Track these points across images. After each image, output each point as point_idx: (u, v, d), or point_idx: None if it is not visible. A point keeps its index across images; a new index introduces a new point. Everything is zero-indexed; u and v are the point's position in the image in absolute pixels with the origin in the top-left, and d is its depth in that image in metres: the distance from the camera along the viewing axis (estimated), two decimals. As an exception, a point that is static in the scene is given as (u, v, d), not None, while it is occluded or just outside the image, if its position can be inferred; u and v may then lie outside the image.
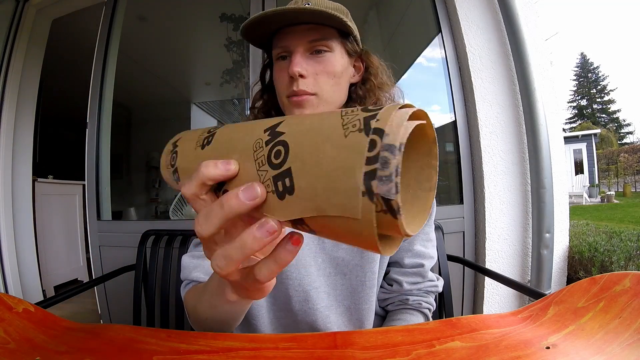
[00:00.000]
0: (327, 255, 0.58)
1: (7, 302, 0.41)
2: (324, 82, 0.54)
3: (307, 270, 0.57)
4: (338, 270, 0.58)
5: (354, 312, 0.59)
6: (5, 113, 1.68)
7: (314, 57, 0.54)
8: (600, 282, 0.39)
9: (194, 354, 0.37)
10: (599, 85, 31.80)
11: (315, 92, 0.53)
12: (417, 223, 0.19)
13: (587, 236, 1.54)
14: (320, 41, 0.53)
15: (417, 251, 0.62)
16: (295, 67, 0.51)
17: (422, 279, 0.62)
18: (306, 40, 0.53)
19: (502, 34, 1.36)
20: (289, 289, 0.56)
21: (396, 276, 0.63)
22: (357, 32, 0.57)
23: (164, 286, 0.98)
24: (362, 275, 0.58)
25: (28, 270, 1.78)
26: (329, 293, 0.58)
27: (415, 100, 1.70)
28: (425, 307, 0.62)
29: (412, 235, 0.16)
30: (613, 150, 16.68)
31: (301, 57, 0.53)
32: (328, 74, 0.54)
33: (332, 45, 0.54)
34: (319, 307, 0.56)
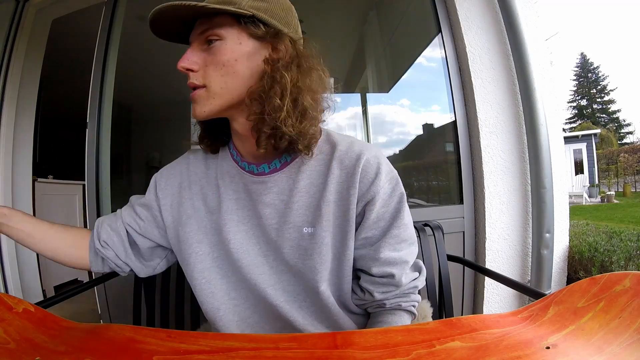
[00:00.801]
0: (277, 255, 0.57)
1: (7, 302, 0.41)
2: (212, 73, 0.51)
3: (260, 269, 0.57)
4: (288, 269, 0.57)
5: (310, 306, 0.58)
6: (5, 113, 1.68)
7: (207, 48, 0.52)
8: (600, 282, 0.39)
9: (194, 354, 0.37)
10: (599, 85, 31.79)
11: (204, 84, 0.51)
12: None
13: (587, 236, 1.54)
14: (208, 31, 0.51)
15: (386, 259, 0.55)
16: (180, 62, 0.51)
17: (395, 288, 0.57)
18: (197, 33, 0.52)
19: (502, 34, 1.36)
20: (249, 288, 0.58)
21: (366, 285, 0.58)
22: (257, 11, 0.50)
23: (164, 286, 0.98)
24: (306, 281, 0.56)
25: (28, 270, 1.78)
26: (284, 289, 0.58)
27: (415, 100, 1.70)
28: (406, 307, 0.59)
29: None
30: (613, 150, 16.68)
31: (192, 51, 0.52)
32: (216, 64, 0.51)
33: (222, 33, 0.50)
34: (278, 302, 0.56)
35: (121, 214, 0.66)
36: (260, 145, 0.51)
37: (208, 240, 0.60)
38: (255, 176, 0.58)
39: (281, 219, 0.56)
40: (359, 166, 0.54)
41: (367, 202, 0.55)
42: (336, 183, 0.55)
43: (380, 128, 1.71)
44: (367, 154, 0.55)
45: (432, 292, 0.94)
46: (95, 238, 0.63)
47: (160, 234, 0.65)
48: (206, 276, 0.59)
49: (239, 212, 0.59)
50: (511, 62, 1.34)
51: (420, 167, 1.72)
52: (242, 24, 0.51)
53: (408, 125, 1.70)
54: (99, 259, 0.63)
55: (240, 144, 0.59)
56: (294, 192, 0.56)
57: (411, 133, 1.69)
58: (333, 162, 0.56)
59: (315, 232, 0.55)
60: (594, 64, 32.44)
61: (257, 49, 0.52)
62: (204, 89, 0.51)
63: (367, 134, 1.70)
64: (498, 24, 1.37)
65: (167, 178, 0.65)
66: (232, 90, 0.52)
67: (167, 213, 0.63)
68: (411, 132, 1.69)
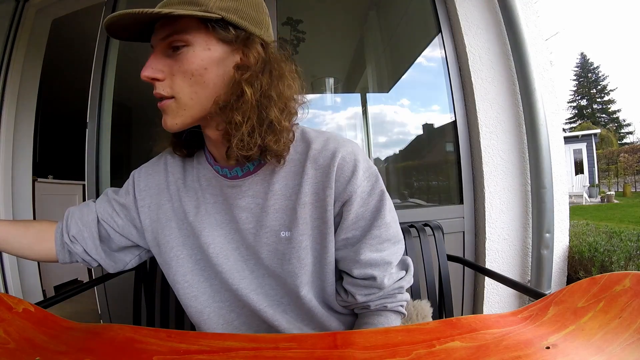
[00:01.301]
0: (256, 260, 0.56)
1: (7, 302, 0.41)
2: (180, 83, 0.47)
3: (241, 274, 0.56)
4: (269, 273, 0.56)
5: (294, 310, 0.57)
6: (5, 113, 1.68)
7: (173, 55, 0.47)
8: (600, 282, 0.39)
9: (194, 354, 0.37)
10: (599, 85, 31.79)
11: (172, 95, 0.48)
12: None
13: (587, 236, 1.54)
14: (171, 36, 0.46)
15: (366, 261, 0.53)
16: (144, 71, 0.47)
17: (378, 290, 0.55)
18: (160, 38, 0.47)
19: (502, 34, 1.36)
20: (232, 292, 0.56)
21: (349, 287, 0.57)
22: (226, 13, 0.46)
23: (164, 286, 0.98)
24: (287, 285, 0.55)
25: (28, 270, 1.78)
26: (267, 293, 0.57)
27: (415, 100, 1.70)
28: (393, 307, 0.57)
29: None
30: (613, 150, 16.68)
31: (156, 58, 0.48)
32: (184, 73, 0.47)
33: (188, 38, 0.46)
34: (261, 307, 0.55)
35: (95, 208, 0.63)
36: (230, 157, 0.49)
37: (189, 243, 0.58)
38: (229, 180, 0.56)
39: (258, 223, 0.54)
40: (334, 165, 0.51)
41: (344, 202, 0.52)
42: (312, 184, 0.52)
43: (380, 128, 1.71)
44: (342, 151, 0.52)
45: (432, 292, 0.94)
46: (64, 232, 0.61)
47: (139, 235, 0.63)
48: (188, 280, 0.58)
49: (217, 216, 0.57)
50: (511, 62, 1.34)
51: (420, 167, 1.72)
52: (210, 27, 0.46)
53: (408, 125, 1.70)
54: (65, 252, 0.61)
55: (213, 149, 0.57)
56: (269, 195, 0.54)
57: (411, 133, 1.69)
58: (307, 162, 0.52)
59: (292, 236, 0.53)
60: (594, 64, 32.47)
61: (227, 54, 0.48)
62: (173, 100, 0.48)
63: (367, 134, 1.70)
64: (498, 24, 1.37)
65: (146, 178, 0.63)
66: (202, 101, 0.48)
67: (145, 215, 0.61)
68: (411, 132, 1.69)
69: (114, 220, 0.62)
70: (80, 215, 0.62)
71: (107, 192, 0.66)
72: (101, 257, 0.62)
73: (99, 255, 0.62)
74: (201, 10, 0.45)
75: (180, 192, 0.60)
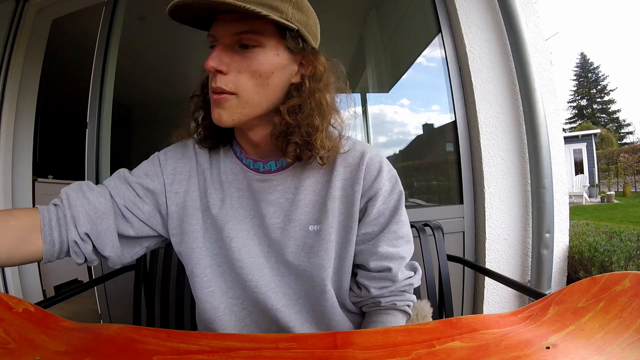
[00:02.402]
0: (277, 257, 0.57)
1: (7, 302, 0.41)
2: (246, 81, 0.48)
3: (261, 271, 0.56)
4: (290, 271, 0.57)
5: (310, 311, 0.58)
6: (5, 113, 1.68)
7: (241, 51, 0.47)
8: (600, 282, 0.39)
9: (194, 354, 0.37)
10: (599, 85, 31.78)
11: (235, 91, 0.48)
12: None
13: (587, 236, 1.54)
14: (247, 34, 0.47)
15: (383, 253, 0.56)
16: (210, 61, 0.46)
17: (391, 283, 0.58)
18: (232, 32, 0.47)
19: (502, 34, 1.36)
20: (246, 290, 0.56)
21: (363, 280, 0.59)
22: (301, 26, 0.49)
23: (164, 286, 0.98)
24: (311, 281, 0.56)
25: (28, 270, 1.78)
26: (285, 293, 0.57)
27: (415, 100, 1.70)
28: (401, 306, 0.59)
29: None
30: (613, 150, 16.68)
31: (223, 51, 0.47)
32: (252, 73, 0.48)
33: (263, 40, 0.47)
34: (277, 307, 0.56)
35: (110, 193, 0.54)
36: (288, 155, 0.52)
37: (209, 236, 0.58)
38: (261, 174, 0.57)
39: (286, 217, 0.56)
40: (362, 163, 0.56)
41: (369, 198, 0.56)
42: (341, 180, 0.56)
43: (380, 128, 1.71)
44: (369, 152, 0.57)
45: (432, 292, 0.94)
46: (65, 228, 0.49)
47: (162, 223, 0.58)
48: (207, 273, 0.57)
49: (240, 211, 0.57)
50: (511, 62, 1.34)
51: (420, 167, 1.72)
52: (285, 36, 0.48)
53: (408, 125, 1.70)
54: (59, 251, 0.49)
55: (247, 145, 0.58)
56: (299, 190, 0.56)
57: (411, 133, 1.69)
58: (337, 160, 0.57)
59: (321, 229, 0.55)
60: (594, 64, 32.46)
61: (289, 62, 0.51)
62: (235, 96, 0.48)
63: (367, 134, 1.70)
64: (498, 24, 1.37)
65: (174, 162, 0.60)
66: (262, 102, 0.50)
67: (172, 201, 0.57)
68: (411, 132, 1.69)
69: (139, 207, 0.55)
70: (88, 204, 0.51)
71: (121, 174, 0.58)
72: (116, 253, 0.54)
73: (114, 251, 0.53)
74: (282, 18, 0.46)
75: (206, 182, 0.59)
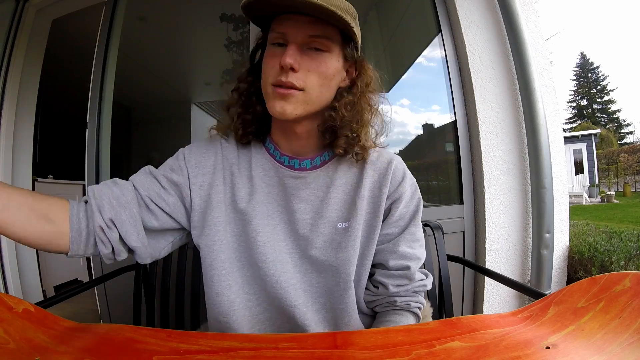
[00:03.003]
0: (302, 253, 0.58)
1: (7, 302, 0.41)
2: (313, 80, 0.52)
3: (284, 267, 0.57)
4: (314, 268, 0.58)
5: (329, 310, 0.59)
6: (5, 113, 1.68)
7: (310, 53, 0.52)
8: (600, 282, 0.39)
9: (194, 354, 0.37)
10: (599, 85, 31.78)
11: (303, 88, 0.52)
12: None
13: (587, 236, 1.54)
14: (320, 39, 0.52)
15: (402, 253, 0.60)
16: (288, 58, 0.49)
17: (408, 281, 0.61)
18: (306, 34, 0.51)
19: (502, 34, 1.36)
20: (266, 284, 0.56)
21: (381, 278, 0.61)
22: (359, 39, 0.56)
23: (164, 286, 0.98)
24: (336, 277, 0.57)
25: (28, 270, 1.78)
26: (306, 290, 0.58)
27: (415, 100, 1.70)
28: (414, 307, 0.61)
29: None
30: (613, 150, 16.67)
31: (297, 50, 0.51)
32: (320, 74, 0.52)
33: (331, 45, 0.53)
34: (296, 304, 0.56)
35: (134, 185, 0.56)
36: (338, 147, 0.56)
37: (232, 230, 0.58)
38: (295, 171, 0.59)
39: (316, 214, 0.58)
40: (390, 168, 0.61)
41: (393, 201, 0.61)
42: (370, 182, 0.60)
43: (380, 128, 1.71)
44: (395, 160, 0.63)
45: (432, 292, 0.93)
46: (91, 215, 0.50)
47: (186, 216, 0.59)
48: (227, 267, 0.57)
49: (268, 206, 0.59)
50: (511, 62, 1.34)
51: (420, 167, 1.72)
52: (347, 45, 0.55)
53: (408, 125, 1.70)
54: (86, 241, 0.50)
55: (284, 140, 0.60)
56: (330, 189, 0.59)
57: (411, 133, 1.69)
58: (367, 164, 0.61)
59: (349, 226, 0.58)
60: (594, 64, 32.45)
61: (342, 68, 0.57)
62: (302, 92, 0.52)
63: (367, 134, 1.70)
64: (498, 24, 1.37)
65: (198, 156, 0.61)
66: (322, 100, 0.55)
67: (196, 193, 0.58)
68: (411, 132, 1.69)
69: (163, 199, 0.56)
70: (111, 193, 0.52)
71: (146, 169, 0.60)
72: (143, 243, 0.54)
73: (140, 241, 0.53)
74: (356, 32, 0.54)
75: (234, 176, 0.60)
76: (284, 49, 0.51)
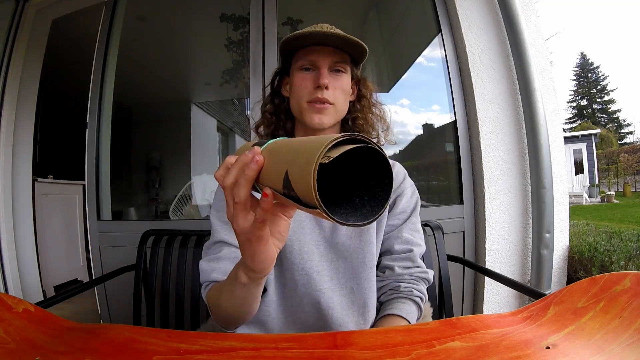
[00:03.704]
0: (328, 242, 0.65)
1: (7, 302, 0.41)
2: (339, 96, 0.65)
3: (310, 255, 0.63)
4: (339, 255, 0.65)
5: (357, 292, 0.65)
6: (5, 113, 1.68)
7: (333, 74, 0.65)
8: (600, 282, 0.39)
9: (194, 354, 0.37)
10: (599, 85, 31.76)
11: (334, 102, 0.64)
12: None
13: (587, 236, 1.54)
14: (341, 63, 0.65)
15: (406, 238, 0.69)
16: (324, 79, 0.62)
17: (412, 264, 0.68)
18: (332, 60, 0.64)
19: (502, 34, 1.36)
20: (294, 273, 0.63)
21: (388, 262, 0.68)
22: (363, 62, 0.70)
23: (164, 286, 0.98)
24: (362, 257, 0.64)
25: (28, 270, 1.78)
26: (332, 276, 0.64)
27: (415, 100, 1.70)
28: (416, 295, 0.65)
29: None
30: (613, 150, 16.68)
31: (327, 73, 0.63)
32: (343, 90, 0.66)
33: (347, 68, 0.67)
34: (322, 288, 0.63)
35: (228, 244, 0.63)
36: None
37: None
38: None
39: None
40: (394, 169, 0.65)
41: (397, 195, 0.71)
42: None
43: (380, 128, 1.71)
44: (396, 164, 0.74)
45: (432, 292, 0.94)
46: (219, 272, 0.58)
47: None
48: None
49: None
50: (511, 62, 1.34)
51: (420, 167, 1.72)
52: (356, 67, 0.70)
53: (408, 125, 1.70)
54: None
55: None
56: None
57: (411, 133, 1.69)
58: None
59: None
60: (594, 64, 32.43)
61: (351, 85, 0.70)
62: (333, 106, 0.64)
63: (367, 134, 1.70)
64: (498, 24, 1.37)
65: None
66: (344, 112, 0.68)
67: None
68: (411, 132, 1.69)
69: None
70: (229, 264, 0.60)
71: (216, 216, 0.66)
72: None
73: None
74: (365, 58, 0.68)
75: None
76: (311, 73, 0.64)
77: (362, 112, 0.71)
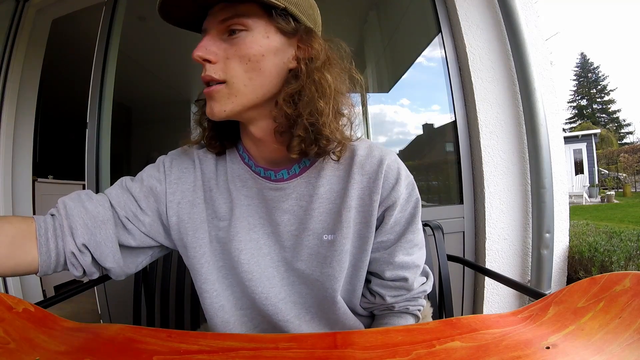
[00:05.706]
0: (288, 265, 0.55)
1: (7, 302, 0.41)
2: (235, 67, 0.45)
3: (271, 282, 0.54)
4: (301, 280, 0.55)
5: (321, 318, 0.56)
6: (5, 113, 1.68)
7: (229, 39, 0.46)
8: (600, 282, 0.39)
9: (194, 354, 0.37)
10: (599, 85, 31.78)
11: (224, 80, 0.46)
12: None
13: (587, 236, 1.54)
14: (232, 19, 0.45)
15: (399, 263, 0.55)
16: (197, 51, 0.45)
17: (406, 292, 0.57)
18: (218, 20, 0.46)
19: (502, 34, 1.36)
20: (256, 302, 0.54)
21: (378, 289, 0.58)
22: (288, 4, 0.46)
23: (164, 286, 0.98)
24: (322, 290, 0.54)
25: (28, 270, 1.78)
26: (296, 302, 0.55)
27: (415, 100, 1.70)
28: (413, 310, 0.59)
29: None
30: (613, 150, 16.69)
31: (210, 40, 0.46)
32: (240, 58, 0.45)
33: (249, 23, 0.45)
34: (288, 317, 0.54)
35: (110, 202, 0.52)
36: (292, 150, 0.48)
37: (215, 248, 0.55)
38: (273, 182, 0.54)
39: (300, 225, 0.53)
40: (381, 172, 0.52)
41: (387, 207, 0.54)
42: (358, 189, 0.53)
43: (380, 128, 1.71)
44: (387, 159, 0.53)
45: (432, 292, 0.93)
46: (61, 238, 0.47)
47: (165, 234, 0.56)
48: (217, 288, 0.55)
49: (250, 220, 0.55)
50: (511, 62, 1.34)
51: (420, 167, 1.72)
52: (273, 15, 0.46)
53: (408, 125, 1.70)
54: (55, 262, 0.47)
55: (254, 148, 0.54)
56: (313, 198, 0.53)
57: (411, 133, 1.69)
58: (354, 167, 0.53)
59: (335, 239, 0.52)
60: (594, 64, 32.47)
61: (284, 45, 0.48)
62: (224, 85, 0.46)
63: (367, 134, 1.70)
64: (498, 24, 1.37)
65: (179, 171, 0.57)
66: (256, 89, 0.47)
67: (173, 212, 0.54)
68: (411, 132, 1.69)
69: (139, 219, 0.53)
70: (86, 213, 0.49)
71: (123, 183, 0.56)
72: (118, 264, 0.51)
73: (115, 262, 0.51)
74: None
75: (212, 192, 0.56)
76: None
77: (293, 91, 0.47)
